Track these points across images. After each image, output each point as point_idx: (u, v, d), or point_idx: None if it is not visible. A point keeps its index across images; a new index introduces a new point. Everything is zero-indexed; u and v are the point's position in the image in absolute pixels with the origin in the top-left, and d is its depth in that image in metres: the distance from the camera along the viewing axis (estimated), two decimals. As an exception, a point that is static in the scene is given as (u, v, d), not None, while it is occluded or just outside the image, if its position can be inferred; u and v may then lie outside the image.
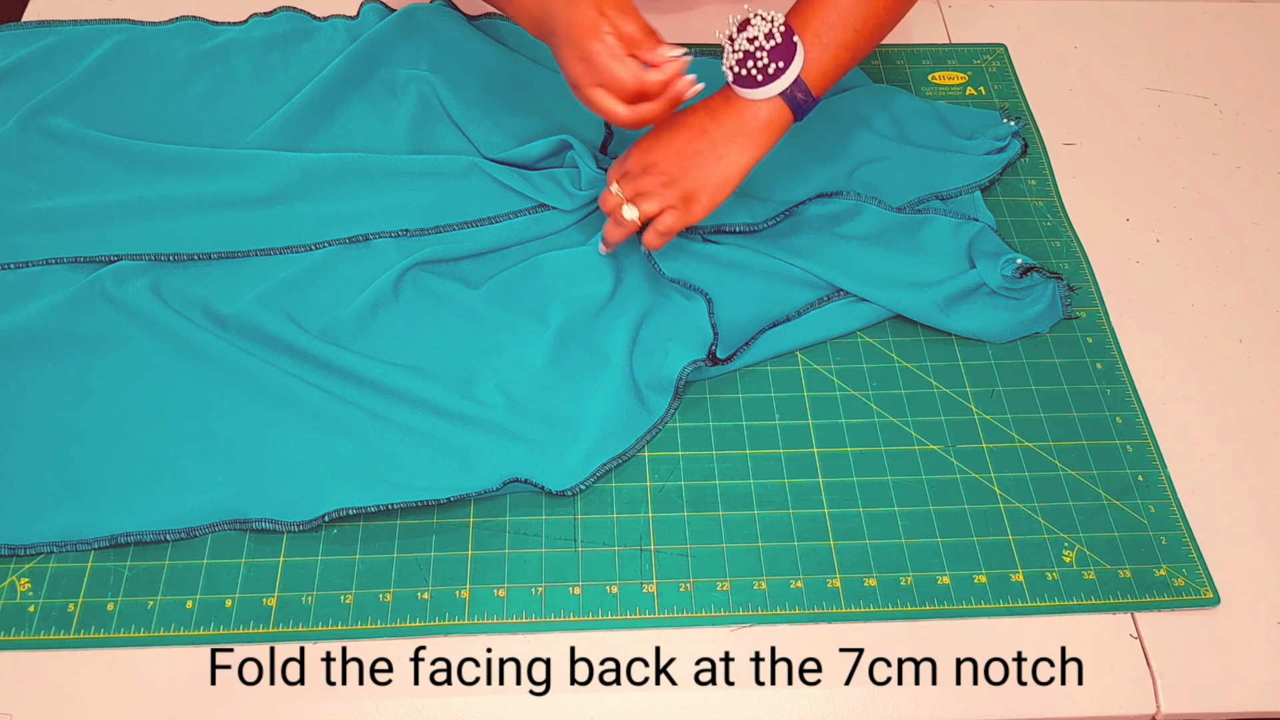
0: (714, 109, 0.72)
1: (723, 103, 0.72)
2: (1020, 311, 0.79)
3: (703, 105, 0.73)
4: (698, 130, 0.72)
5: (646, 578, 0.68)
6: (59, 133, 0.85)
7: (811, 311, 0.78)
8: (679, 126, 0.73)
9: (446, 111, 0.88)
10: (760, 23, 0.68)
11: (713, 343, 0.75)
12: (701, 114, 0.72)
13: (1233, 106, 0.95)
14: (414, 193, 0.83)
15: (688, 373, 0.73)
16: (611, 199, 0.75)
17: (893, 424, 0.75)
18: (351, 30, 0.94)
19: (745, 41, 0.69)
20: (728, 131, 0.71)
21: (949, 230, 0.82)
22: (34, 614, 0.65)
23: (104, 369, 0.73)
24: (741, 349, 0.76)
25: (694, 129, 0.72)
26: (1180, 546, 0.70)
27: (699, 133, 0.72)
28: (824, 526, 0.70)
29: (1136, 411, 0.76)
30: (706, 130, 0.72)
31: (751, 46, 0.68)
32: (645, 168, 0.73)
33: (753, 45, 0.68)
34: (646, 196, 0.73)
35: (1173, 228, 0.87)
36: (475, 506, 0.70)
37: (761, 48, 0.68)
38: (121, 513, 0.68)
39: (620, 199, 0.74)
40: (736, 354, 0.75)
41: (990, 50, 0.99)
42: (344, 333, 0.76)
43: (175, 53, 0.92)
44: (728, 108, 0.71)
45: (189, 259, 0.79)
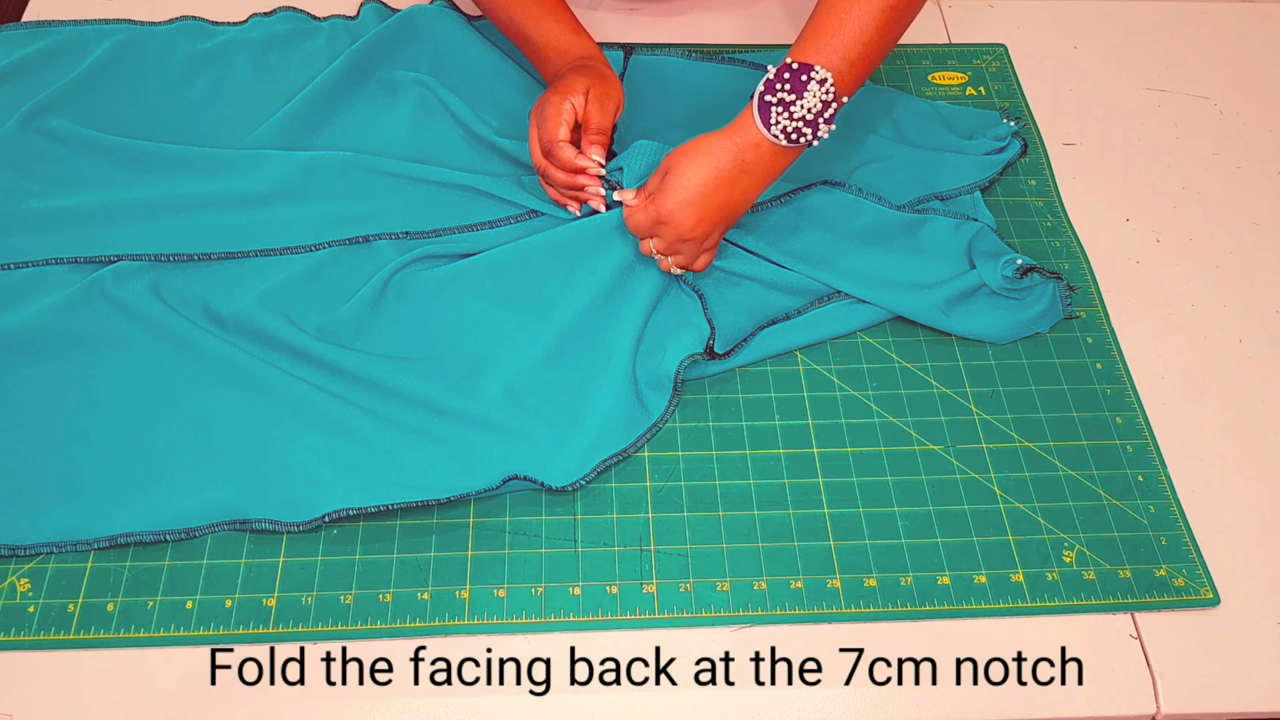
0: (743, 158, 0.70)
1: (752, 150, 0.70)
2: (1020, 312, 0.79)
3: (726, 150, 0.70)
4: (729, 182, 0.71)
5: (646, 578, 0.68)
6: (59, 133, 0.85)
7: (810, 311, 0.78)
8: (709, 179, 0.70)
9: (446, 113, 0.87)
10: (816, 89, 0.67)
11: (710, 337, 0.75)
12: (729, 163, 0.70)
13: (1233, 106, 0.95)
14: (415, 196, 0.83)
15: (685, 368, 0.73)
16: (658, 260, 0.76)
17: (893, 424, 0.75)
18: (351, 31, 0.94)
19: (805, 110, 0.68)
20: (759, 179, 0.71)
21: (949, 230, 0.82)
22: (34, 614, 0.65)
23: (104, 369, 0.73)
24: (740, 345, 0.76)
25: (726, 181, 0.70)
26: (1180, 546, 0.70)
27: (730, 185, 0.71)
28: (824, 527, 0.70)
29: (1136, 411, 0.76)
30: (738, 183, 0.71)
31: (811, 115, 0.68)
32: (681, 232, 0.72)
33: (812, 115, 0.68)
34: (685, 254, 0.74)
35: (1173, 228, 0.87)
36: (475, 506, 0.70)
37: (820, 116, 0.68)
38: (122, 513, 0.68)
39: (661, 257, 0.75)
40: (735, 350, 0.75)
41: (990, 50, 0.99)
42: (344, 331, 0.76)
43: (175, 53, 0.92)
44: (758, 157, 0.70)
45: (189, 259, 0.79)
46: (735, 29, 0.98)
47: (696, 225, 0.71)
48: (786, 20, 1.00)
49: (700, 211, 0.71)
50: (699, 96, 0.90)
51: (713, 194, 0.71)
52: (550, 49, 0.82)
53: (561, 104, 0.76)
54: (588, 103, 0.77)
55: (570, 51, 0.81)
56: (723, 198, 0.71)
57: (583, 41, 0.82)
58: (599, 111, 0.77)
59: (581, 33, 0.83)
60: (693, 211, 0.71)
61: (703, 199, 0.71)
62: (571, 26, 0.83)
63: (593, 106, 0.77)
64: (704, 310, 0.77)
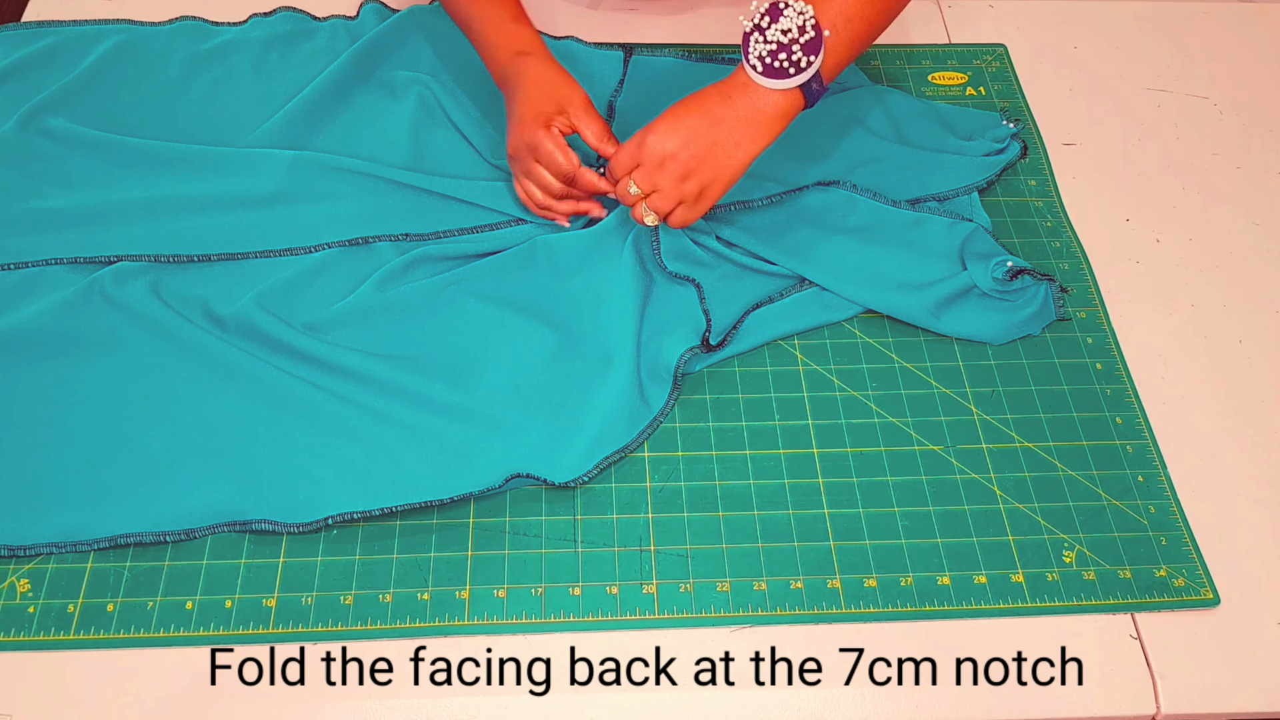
0: (729, 95, 0.71)
1: (740, 90, 0.70)
2: (1012, 314, 0.79)
3: (715, 91, 0.71)
4: (715, 118, 0.71)
5: (646, 578, 0.68)
6: (59, 133, 0.85)
7: (798, 292, 0.78)
8: (696, 112, 0.71)
9: (446, 113, 0.88)
10: (793, 15, 0.68)
11: (706, 329, 0.75)
12: (716, 100, 0.71)
13: (1233, 106, 0.95)
14: (414, 198, 0.83)
15: (684, 361, 0.73)
16: (629, 196, 0.74)
17: (893, 424, 0.75)
18: (351, 31, 0.94)
19: (779, 33, 0.68)
20: (744, 118, 0.71)
21: (943, 230, 0.82)
22: (34, 614, 0.65)
23: (104, 369, 0.73)
24: (731, 332, 0.76)
25: (710, 116, 0.71)
26: (1180, 546, 0.70)
27: (716, 121, 0.71)
28: (824, 527, 0.70)
29: (1136, 411, 0.76)
30: (722, 118, 0.71)
31: (785, 39, 0.68)
32: (661, 160, 0.71)
33: (786, 38, 0.68)
34: (663, 194, 0.72)
35: (1173, 228, 0.87)
36: (475, 506, 0.70)
37: (795, 41, 0.68)
38: (121, 513, 0.68)
39: (639, 197, 0.73)
40: (728, 337, 0.76)
41: (990, 50, 0.99)
42: (343, 330, 0.76)
43: (175, 53, 0.92)
44: (745, 95, 0.70)
45: (189, 260, 0.79)
46: (735, 29, 0.98)
47: (676, 153, 0.70)
48: (786, 20, 1.00)
49: (681, 139, 0.70)
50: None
51: (697, 127, 0.70)
52: (488, 38, 0.80)
53: (552, 136, 0.75)
54: (574, 117, 0.75)
55: (508, 44, 0.79)
56: (706, 132, 0.70)
57: (521, 31, 0.80)
58: (592, 119, 0.76)
59: (521, 20, 0.81)
60: (674, 139, 0.70)
61: (687, 129, 0.70)
62: (512, 14, 0.81)
63: (582, 116, 0.76)
64: (701, 301, 0.77)
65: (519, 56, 0.78)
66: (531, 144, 0.75)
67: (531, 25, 0.81)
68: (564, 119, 0.75)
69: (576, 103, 0.76)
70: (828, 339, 0.79)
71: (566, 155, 0.75)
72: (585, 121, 0.76)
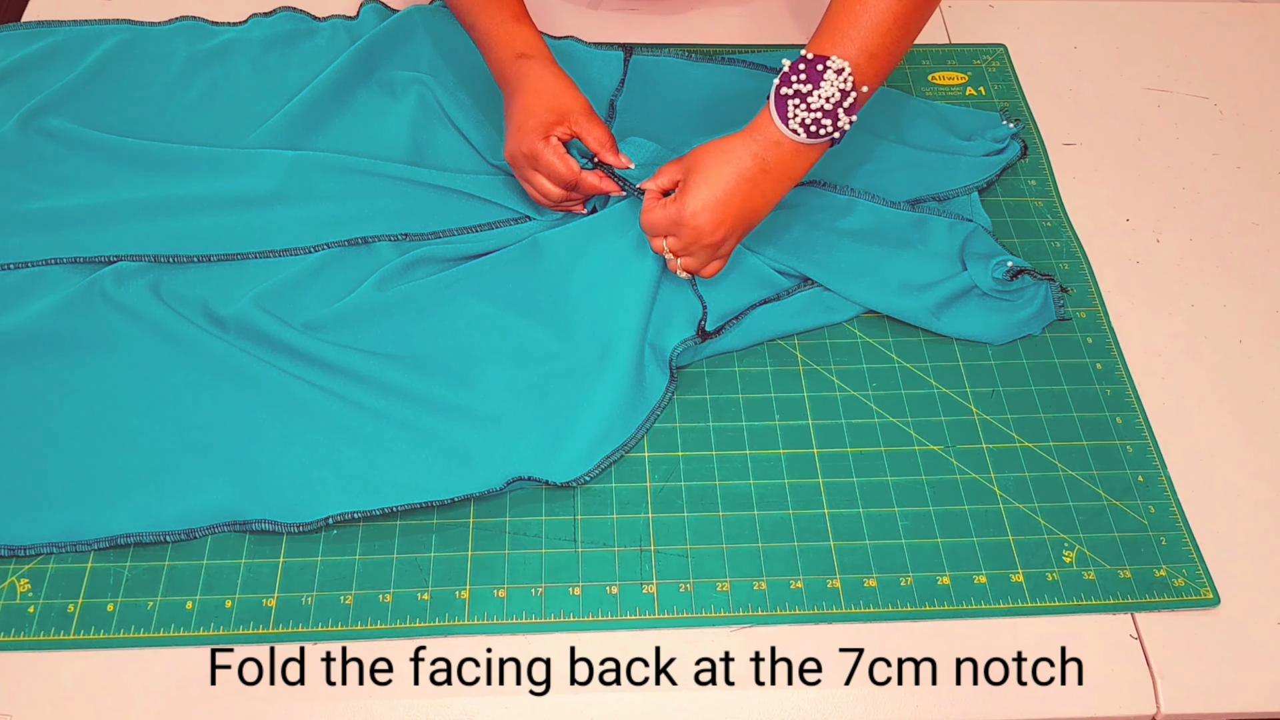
0: (764, 157, 0.69)
1: (772, 149, 0.68)
2: (1012, 314, 0.79)
3: (748, 150, 0.69)
4: (751, 184, 0.69)
5: (646, 578, 0.68)
6: (58, 133, 0.85)
7: (802, 292, 0.78)
8: (733, 184, 0.69)
9: (446, 113, 0.88)
10: (833, 78, 0.66)
11: (701, 318, 0.75)
12: (751, 165, 0.69)
13: (1233, 106, 0.95)
14: (413, 197, 0.83)
15: (678, 353, 0.73)
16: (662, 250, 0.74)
17: (893, 424, 0.75)
18: (351, 31, 0.94)
19: (822, 100, 0.66)
20: (781, 181, 0.70)
21: (943, 230, 0.82)
22: (34, 614, 0.65)
23: (104, 369, 0.73)
24: (730, 323, 0.76)
25: (748, 182, 0.69)
26: (1180, 546, 0.70)
27: (753, 186, 0.69)
28: (824, 527, 0.70)
29: (1136, 411, 0.76)
30: (759, 184, 0.69)
31: (829, 106, 0.66)
32: (700, 233, 0.70)
33: (830, 105, 0.66)
34: (699, 257, 0.72)
35: (1173, 228, 0.87)
36: (475, 507, 0.70)
37: (839, 106, 0.66)
38: (121, 513, 0.68)
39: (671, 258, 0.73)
40: (725, 327, 0.75)
41: (990, 50, 0.99)
42: (343, 329, 0.76)
43: (175, 53, 0.92)
44: (778, 155, 0.69)
45: (189, 260, 0.79)
46: (735, 29, 0.98)
47: (717, 228, 0.70)
48: (786, 19, 1.00)
49: (722, 213, 0.70)
50: (699, 97, 0.90)
51: (735, 194, 0.69)
52: (490, 37, 0.80)
53: (550, 144, 0.74)
54: (575, 124, 0.75)
55: (509, 44, 0.79)
56: (744, 199, 0.70)
57: (522, 31, 0.80)
58: (594, 125, 0.76)
59: (523, 20, 0.81)
60: (715, 213, 0.69)
61: (725, 200, 0.69)
62: (513, 13, 0.81)
63: (584, 124, 0.75)
64: (694, 287, 0.77)
65: (520, 59, 0.78)
66: (530, 154, 0.75)
67: (533, 26, 0.81)
68: (564, 128, 0.75)
69: (578, 111, 0.76)
70: (828, 339, 0.79)
71: (566, 164, 0.75)
72: (587, 129, 0.76)
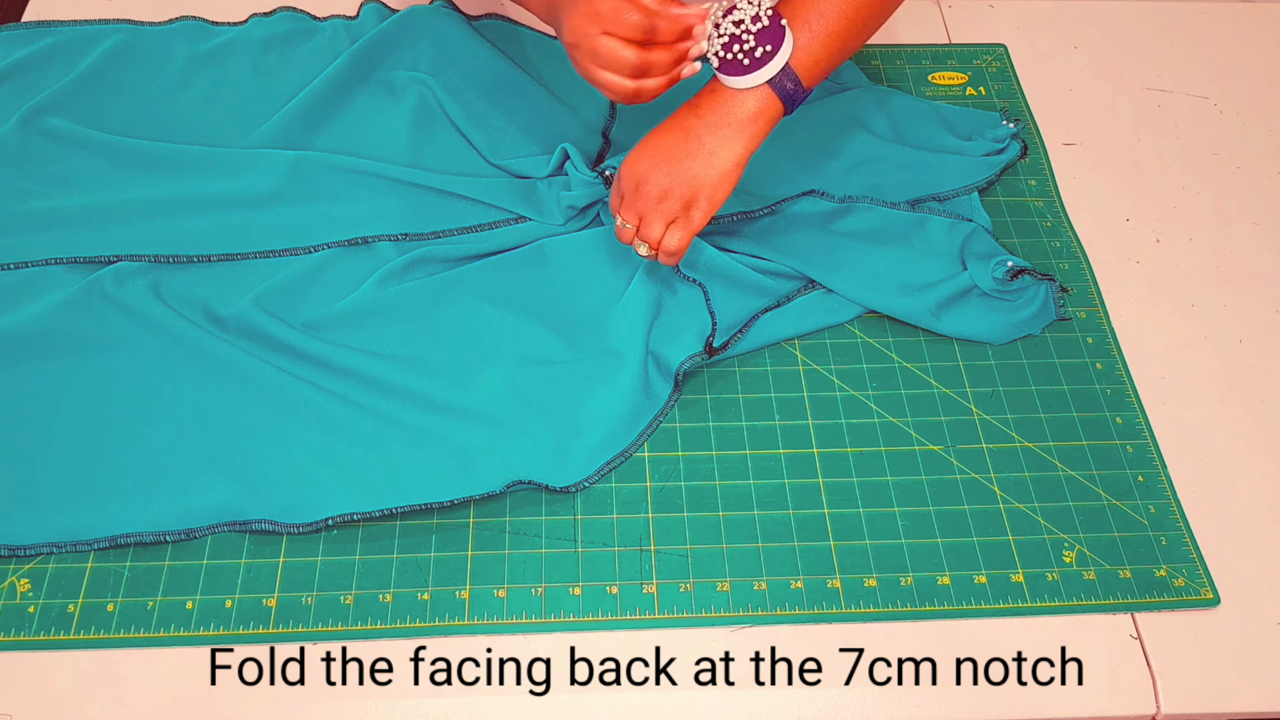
0: (697, 104, 0.69)
1: (707, 96, 0.68)
2: (1012, 314, 0.79)
3: (684, 106, 0.69)
4: (683, 131, 0.68)
5: (646, 578, 0.67)
6: (58, 133, 0.85)
7: (803, 296, 0.78)
8: (662, 130, 0.69)
9: (446, 114, 0.88)
10: (747, 6, 0.66)
11: (710, 334, 0.75)
12: (684, 113, 0.69)
13: (1233, 106, 0.95)
14: (414, 198, 0.83)
15: (685, 366, 0.73)
16: (625, 232, 0.72)
17: (893, 424, 0.75)
18: (351, 31, 0.94)
19: (731, 25, 0.66)
20: (713, 125, 0.68)
21: (943, 230, 0.82)
22: (34, 614, 0.65)
23: (104, 369, 0.73)
24: (736, 336, 0.76)
25: (679, 130, 0.68)
26: (1180, 546, 0.70)
27: (684, 133, 0.68)
28: (824, 527, 0.70)
29: (1136, 411, 0.76)
30: (691, 128, 0.68)
31: (738, 30, 0.66)
32: (637, 184, 0.69)
33: (738, 28, 0.66)
34: (648, 219, 0.70)
35: (1173, 228, 0.87)
36: (475, 507, 0.70)
37: (748, 30, 0.66)
38: (121, 513, 0.68)
39: (631, 231, 0.72)
40: (731, 341, 0.75)
41: (990, 50, 0.99)
42: (345, 328, 0.76)
43: (175, 53, 0.92)
44: (713, 100, 0.68)
45: (189, 260, 0.79)
46: (735, 29, 0.98)
47: (648, 174, 0.68)
48: (786, 20, 1.00)
49: (652, 159, 0.68)
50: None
51: (665, 143, 0.68)
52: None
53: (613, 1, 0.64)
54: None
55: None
56: (676, 146, 0.68)
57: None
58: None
59: None
60: (644, 160, 0.68)
61: (655, 148, 0.68)
62: None
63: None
64: (707, 304, 0.76)
65: None
66: (592, 12, 0.64)
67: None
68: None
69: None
70: (828, 339, 0.79)
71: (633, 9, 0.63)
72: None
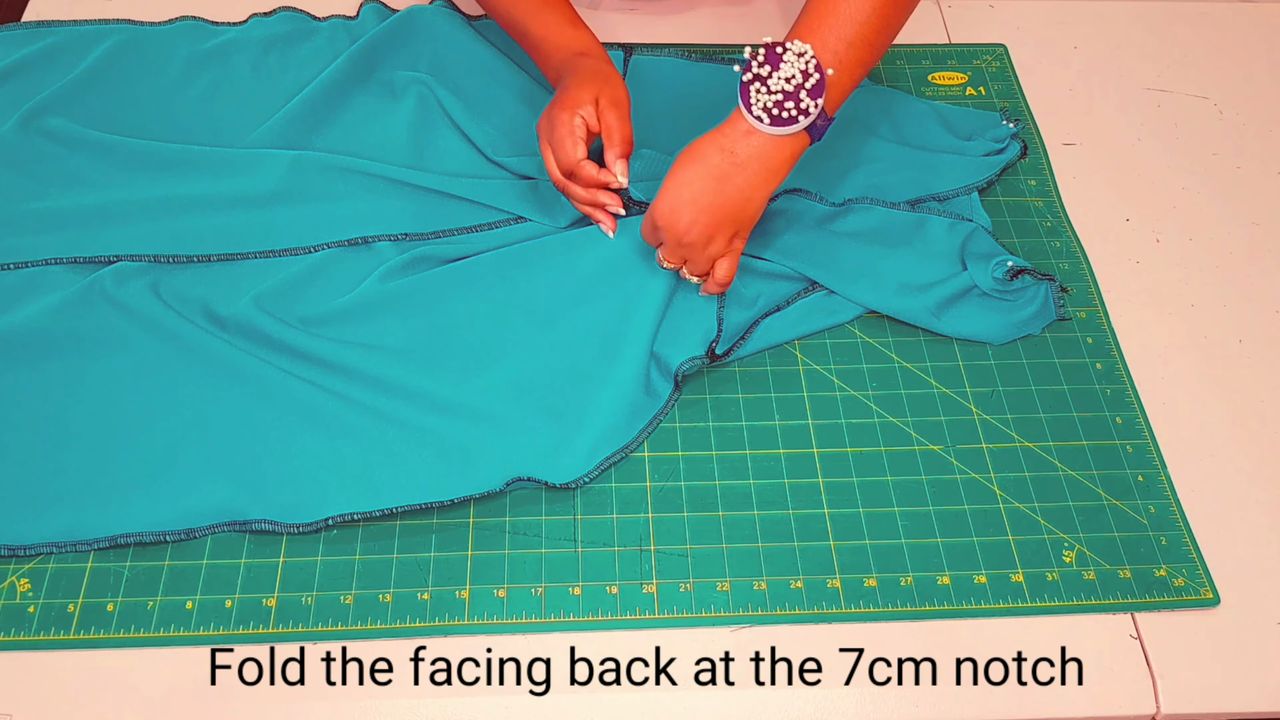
0: (733, 150, 0.68)
1: (742, 140, 0.68)
2: (1012, 314, 0.79)
3: (716, 146, 0.68)
4: (720, 177, 0.68)
5: (646, 578, 0.68)
6: (58, 133, 0.85)
7: (804, 299, 0.78)
8: (700, 178, 0.68)
9: (446, 114, 0.88)
10: (794, 59, 0.65)
11: (714, 340, 0.75)
12: (718, 157, 0.68)
13: (1233, 106, 0.95)
14: (413, 197, 0.83)
15: (685, 368, 0.73)
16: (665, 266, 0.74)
17: (893, 424, 0.75)
18: (351, 31, 0.94)
19: (783, 82, 0.65)
20: (750, 171, 0.68)
21: (943, 230, 0.82)
22: (34, 614, 0.65)
23: (104, 369, 0.73)
24: (739, 343, 0.76)
25: (716, 177, 0.68)
26: (1180, 546, 0.70)
27: (722, 180, 0.68)
28: (824, 527, 0.70)
29: (1136, 411, 0.76)
30: (729, 176, 0.68)
31: (790, 87, 0.65)
32: (678, 237, 0.70)
33: (791, 85, 0.65)
34: (693, 260, 0.72)
35: (1173, 228, 0.87)
36: (475, 507, 0.70)
37: (801, 88, 0.65)
38: (121, 513, 0.68)
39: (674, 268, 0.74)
40: (734, 348, 0.76)
41: (990, 50, 0.99)
42: (345, 323, 0.76)
43: (175, 53, 0.92)
44: (749, 145, 0.68)
45: (188, 260, 0.79)
46: (735, 29, 0.98)
47: (691, 227, 0.69)
48: (785, 20, 1.00)
49: (693, 212, 0.69)
50: (699, 97, 0.90)
51: (703, 192, 0.69)
52: (547, 43, 0.80)
53: (572, 120, 0.74)
54: (601, 111, 0.74)
55: (567, 45, 0.80)
56: (715, 195, 0.69)
57: (580, 35, 0.81)
58: (619, 120, 0.74)
59: (579, 25, 0.82)
60: (685, 212, 0.69)
61: (693, 198, 0.69)
62: (569, 19, 0.81)
63: (610, 116, 0.74)
64: (719, 311, 0.76)
65: (579, 56, 0.78)
66: (551, 122, 0.75)
67: (590, 30, 0.81)
68: (590, 110, 0.74)
69: (608, 98, 0.74)
70: (828, 339, 0.79)
71: (573, 146, 0.73)
72: (610, 118, 0.74)
